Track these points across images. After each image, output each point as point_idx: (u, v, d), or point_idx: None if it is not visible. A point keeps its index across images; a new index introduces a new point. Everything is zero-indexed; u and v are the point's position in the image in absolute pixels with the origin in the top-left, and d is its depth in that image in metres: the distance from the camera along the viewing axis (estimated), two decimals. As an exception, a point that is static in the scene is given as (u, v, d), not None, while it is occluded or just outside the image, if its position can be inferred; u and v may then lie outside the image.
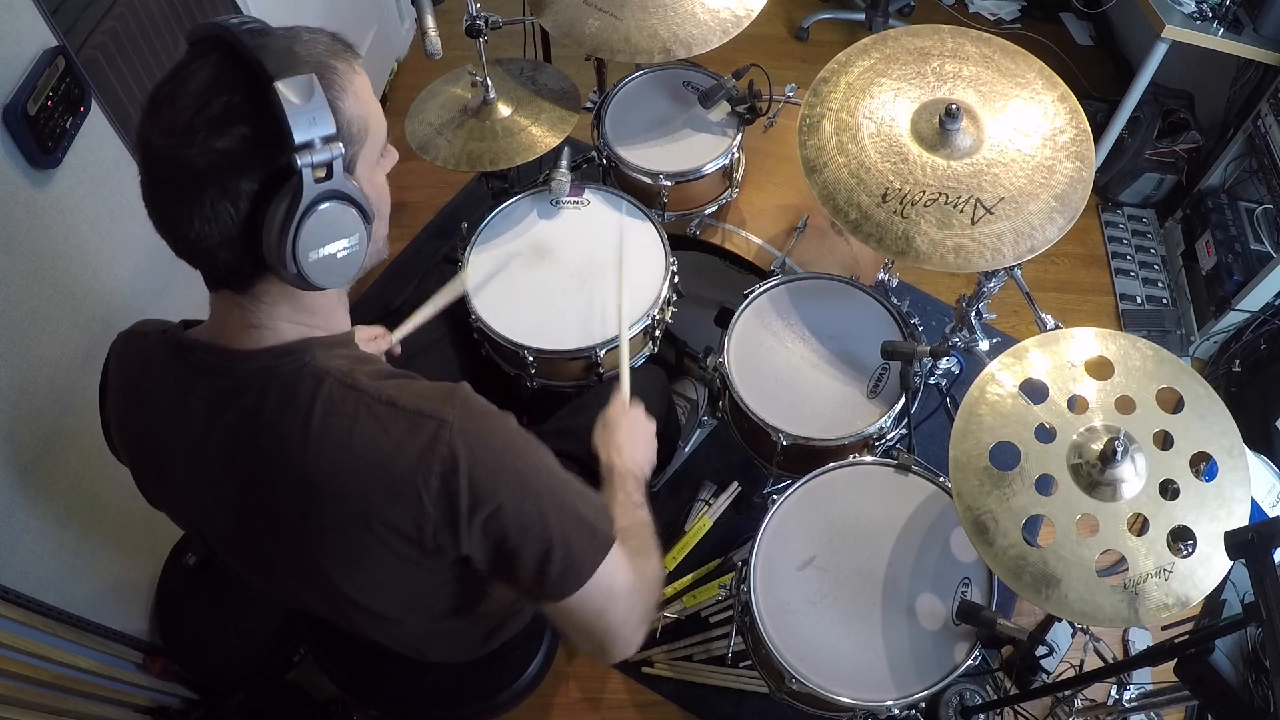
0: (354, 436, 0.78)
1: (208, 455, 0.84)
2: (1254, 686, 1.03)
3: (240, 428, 0.81)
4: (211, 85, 0.69)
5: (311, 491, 0.79)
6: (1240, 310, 2.14)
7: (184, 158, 0.68)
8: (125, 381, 0.91)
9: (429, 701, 1.25)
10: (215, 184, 0.69)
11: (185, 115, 0.68)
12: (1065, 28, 3.19)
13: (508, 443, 0.83)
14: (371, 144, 0.79)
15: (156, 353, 0.87)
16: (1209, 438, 1.15)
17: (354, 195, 0.74)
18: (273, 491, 0.82)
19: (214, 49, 0.70)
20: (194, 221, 0.70)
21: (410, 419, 0.79)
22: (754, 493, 1.96)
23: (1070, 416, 1.20)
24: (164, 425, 0.86)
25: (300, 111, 0.67)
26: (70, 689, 1.32)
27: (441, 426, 0.78)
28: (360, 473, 0.78)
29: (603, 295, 1.58)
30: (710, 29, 1.61)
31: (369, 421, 0.78)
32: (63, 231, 1.32)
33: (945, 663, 1.23)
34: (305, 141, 0.68)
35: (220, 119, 0.68)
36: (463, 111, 1.76)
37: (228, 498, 0.86)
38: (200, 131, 0.68)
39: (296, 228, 0.70)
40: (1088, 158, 1.34)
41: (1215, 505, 1.12)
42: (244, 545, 0.93)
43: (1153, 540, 1.10)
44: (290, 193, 0.70)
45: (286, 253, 0.71)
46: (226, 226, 0.71)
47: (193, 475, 0.86)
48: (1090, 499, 1.14)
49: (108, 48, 1.40)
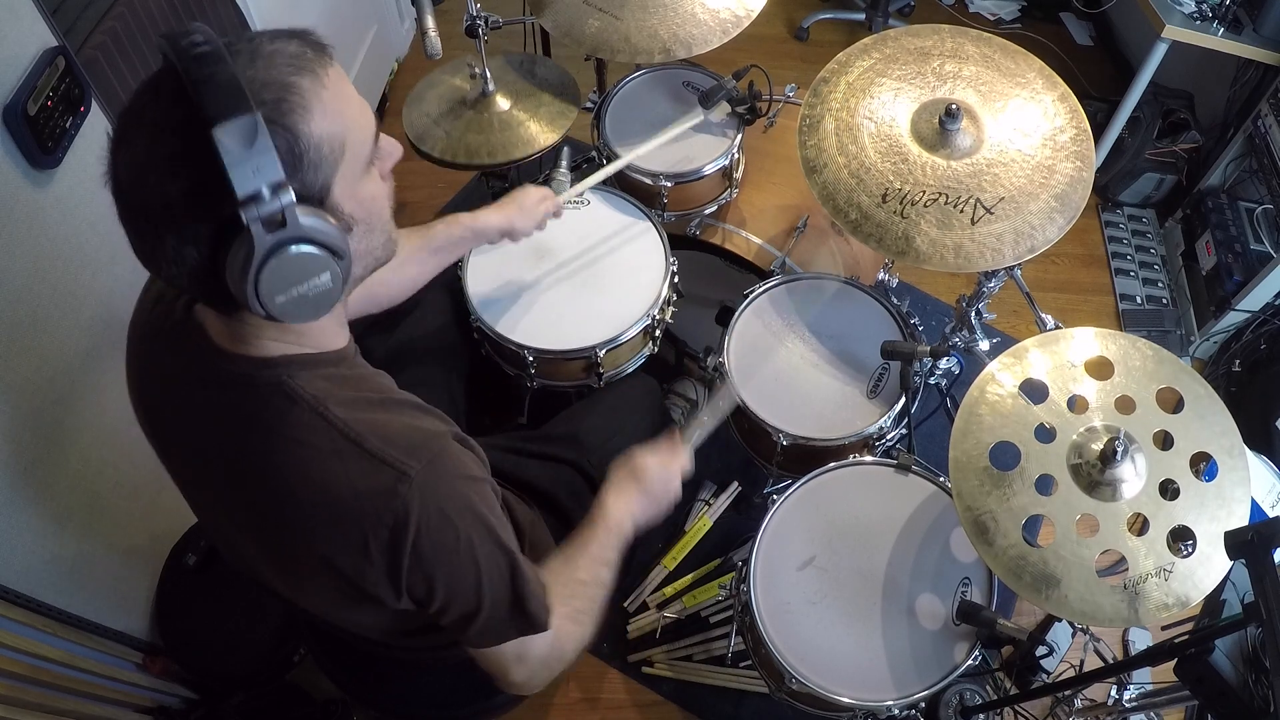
0: (313, 468, 0.77)
1: (194, 429, 0.84)
2: (1254, 686, 1.03)
3: (221, 420, 0.81)
4: (162, 124, 0.65)
5: (266, 507, 0.80)
6: (1240, 310, 2.14)
7: (143, 198, 0.67)
8: (136, 328, 0.91)
9: (429, 701, 1.25)
10: (173, 229, 0.67)
11: (141, 154, 0.66)
12: (1065, 28, 3.19)
13: (462, 511, 0.81)
14: (352, 156, 0.73)
15: (166, 315, 0.86)
16: (1209, 438, 1.16)
17: (317, 235, 0.68)
18: (242, 486, 0.82)
19: (167, 76, 0.66)
20: (162, 260, 0.69)
21: (373, 464, 0.77)
22: (754, 493, 1.96)
23: (1070, 416, 1.20)
24: (160, 385, 0.87)
25: (242, 161, 0.62)
26: (70, 689, 1.32)
27: (400, 480, 0.76)
28: (313, 505, 0.77)
29: (603, 295, 1.58)
30: (710, 29, 1.61)
31: (331, 458, 0.77)
32: (63, 231, 1.32)
33: (945, 663, 1.23)
34: (250, 194, 0.63)
35: (169, 163, 0.65)
36: (461, 103, 1.76)
37: (208, 470, 0.86)
38: (153, 174, 0.65)
39: (255, 279, 0.66)
40: (1088, 157, 1.34)
41: (1215, 505, 1.12)
42: (218, 520, 0.93)
43: (1153, 540, 1.10)
44: (244, 245, 0.65)
45: (251, 299, 0.68)
46: (193, 266, 0.68)
47: (179, 439, 0.88)
48: (1090, 499, 1.14)
49: (108, 48, 1.40)
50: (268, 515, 0.80)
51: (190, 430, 0.85)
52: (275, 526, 0.80)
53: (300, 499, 0.77)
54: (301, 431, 0.77)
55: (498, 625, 0.88)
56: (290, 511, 0.78)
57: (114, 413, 1.46)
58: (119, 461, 1.50)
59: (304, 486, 0.77)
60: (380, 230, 0.81)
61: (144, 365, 0.90)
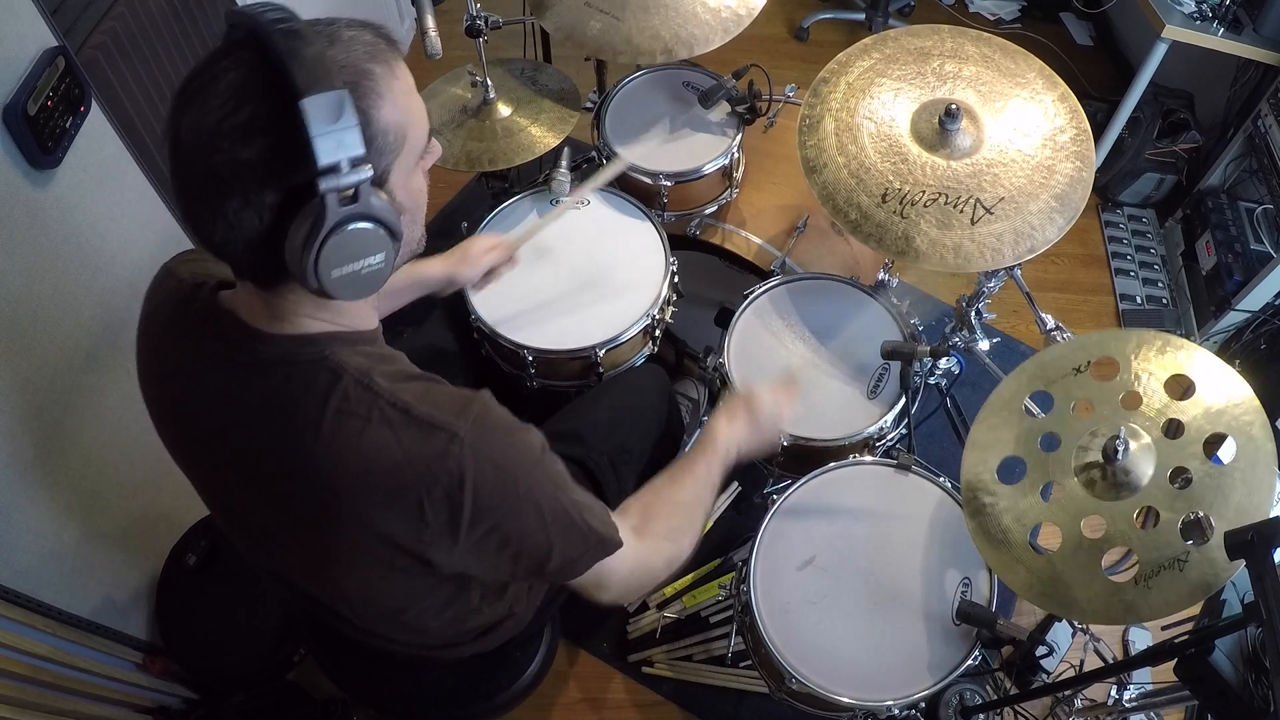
0: (364, 439, 0.78)
1: (224, 418, 0.84)
2: (1254, 686, 1.03)
3: (257, 405, 0.81)
4: (240, 89, 0.67)
5: (314, 482, 0.79)
6: (1240, 310, 2.14)
7: (210, 161, 0.67)
8: (153, 321, 0.91)
9: (429, 701, 1.25)
10: (239, 192, 0.68)
11: (213, 116, 0.67)
12: (1065, 28, 3.19)
13: (517, 459, 0.83)
14: (410, 149, 0.77)
15: (188, 305, 0.86)
16: (1223, 414, 1.09)
17: (381, 215, 0.71)
18: (280, 470, 0.82)
19: (246, 46, 0.68)
20: (217, 224, 0.70)
21: (422, 429, 0.78)
22: (754, 493, 1.96)
23: (1073, 420, 1.19)
24: (184, 378, 0.86)
25: (328, 133, 0.64)
26: (70, 689, 1.32)
27: (452, 441, 0.78)
28: (365, 475, 0.78)
29: (603, 295, 1.58)
30: (712, 28, 1.61)
31: (381, 426, 0.78)
32: (63, 231, 1.32)
33: (945, 663, 1.23)
34: (330, 165, 0.65)
35: (245, 127, 0.66)
36: (462, 111, 1.76)
37: (237, 460, 0.85)
38: (226, 137, 0.67)
39: (318, 249, 0.69)
40: (1088, 157, 1.34)
41: (1229, 488, 1.06)
42: (245, 510, 0.92)
43: (1164, 532, 1.08)
44: (312, 214, 0.68)
45: (308, 270, 0.70)
46: (250, 233, 0.70)
47: (204, 430, 0.86)
48: (1096, 499, 1.13)
49: (108, 48, 1.40)
50: (316, 491, 0.80)
51: (221, 420, 0.84)
52: (327, 498, 0.80)
53: (353, 471, 0.78)
54: (349, 403, 0.78)
55: (572, 558, 0.90)
56: (341, 484, 0.78)
57: (114, 413, 1.46)
58: (119, 461, 1.50)
59: (356, 458, 0.78)
60: (420, 223, 0.85)
61: (163, 361, 0.89)
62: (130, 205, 1.49)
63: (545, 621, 1.29)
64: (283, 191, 0.68)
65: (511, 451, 0.83)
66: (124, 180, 1.48)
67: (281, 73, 0.65)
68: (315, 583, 0.97)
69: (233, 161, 0.67)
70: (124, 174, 1.48)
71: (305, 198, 0.67)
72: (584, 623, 1.85)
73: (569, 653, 1.84)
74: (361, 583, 0.90)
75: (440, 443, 0.78)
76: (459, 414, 0.80)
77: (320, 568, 0.90)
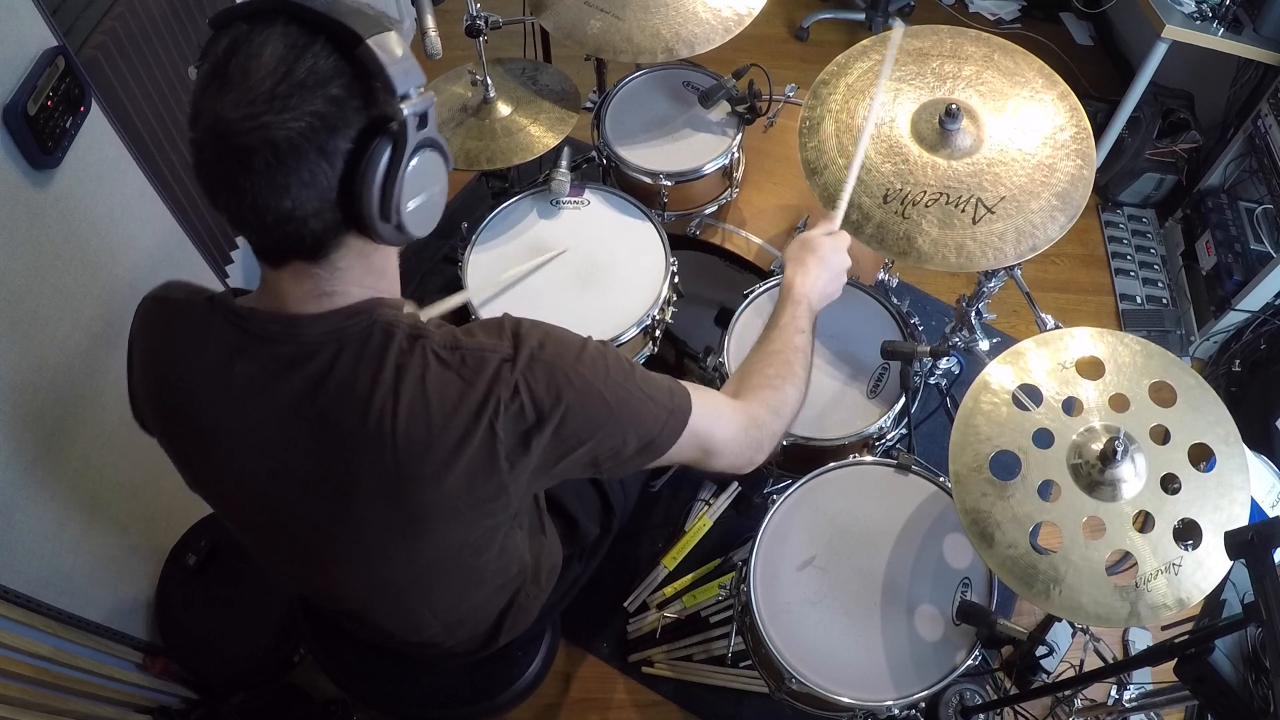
0: (428, 383, 0.80)
1: (260, 422, 0.83)
2: (1254, 686, 1.03)
3: (305, 392, 0.81)
4: (290, 52, 0.69)
5: (389, 445, 0.80)
6: (1240, 310, 2.14)
7: (272, 126, 0.68)
8: (155, 349, 0.89)
9: (429, 701, 1.25)
10: (311, 147, 0.69)
11: (265, 85, 0.68)
12: (1065, 28, 3.19)
13: (564, 352, 0.87)
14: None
15: (195, 319, 0.85)
16: (1204, 427, 1.15)
17: (441, 142, 0.79)
18: (343, 452, 0.82)
19: (273, 21, 0.70)
20: (290, 189, 0.70)
21: (475, 356, 0.82)
22: (754, 493, 1.96)
23: (1067, 419, 1.20)
24: (205, 393, 0.85)
25: (397, 64, 0.70)
26: (70, 689, 1.32)
27: (504, 362, 0.83)
28: (437, 417, 0.80)
29: (603, 295, 1.58)
30: (712, 28, 1.61)
31: (438, 367, 0.81)
32: (63, 231, 1.32)
33: (945, 663, 1.23)
34: (405, 93, 0.71)
35: (307, 82, 0.69)
36: (462, 110, 1.76)
37: (281, 464, 0.85)
38: (291, 97, 0.68)
39: (403, 174, 0.73)
40: (1088, 155, 1.34)
41: (1217, 495, 1.11)
42: (287, 517, 0.90)
43: (1158, 536, 1.10)
44: (389, 145, 0.72)
45: (391, 204, 0.74)
46: (323, 189, 0.72)
47: (238, 444, 0.85)
48: (1093, 499, 1.13)
49: (108, 48, 1.40)
50: (393, 453, 0.80)
51: (260, 417, 0.83)
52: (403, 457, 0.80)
53: (425, 418, 0.80)
54: (408, 355, 0.81)
55: (650, 436, 0.92)
56: (418, 432, 0.80)
57: (114, 413, 1.46)
58: (119, 461, 1.50)
59: (423, 404, 0.80)
60: None
61: (180, 371, 0.86)
62: (130, 205, 1.49)
63: (546, 622, 1.29)
64: (353, 135, 0.71)
65: (559, 353, 0.86)
66: (124, 180, 1.48)
67: (333, 25, 0.69)
68: (355, 573, 0.94)
69: (301, 117, 0.68)
70: (124, 174, 1.48)
71: (373, 136, 0.72)
72: (584, 623, 1.85)
73: (569, 653, 1.84)
74: (419, 547, 0.90)
75: (494, 363, 0.82)
76: (500, 335, 0.85)
77: (372, 546, 0.89)
